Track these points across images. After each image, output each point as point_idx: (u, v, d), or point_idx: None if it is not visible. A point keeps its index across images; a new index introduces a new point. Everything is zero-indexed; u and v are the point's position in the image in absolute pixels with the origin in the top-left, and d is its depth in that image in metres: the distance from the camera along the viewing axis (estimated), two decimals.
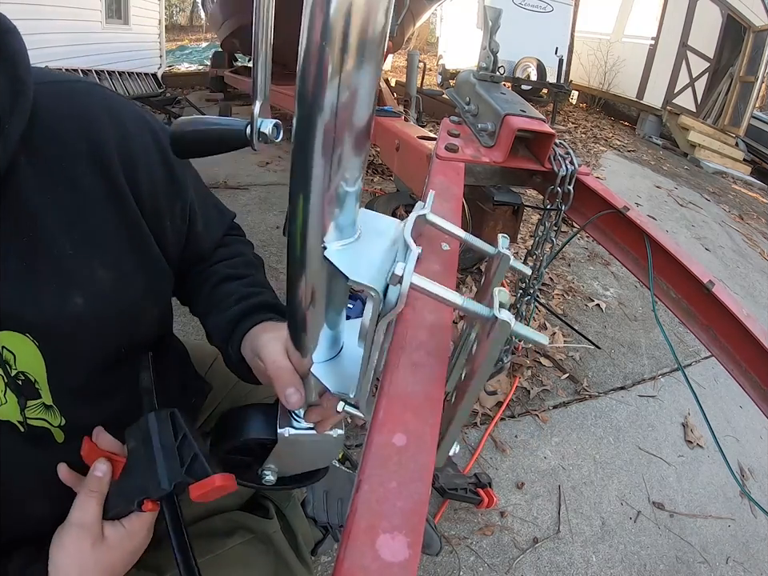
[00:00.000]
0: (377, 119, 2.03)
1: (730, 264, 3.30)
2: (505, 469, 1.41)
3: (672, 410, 1.82)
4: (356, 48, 0.26)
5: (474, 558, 1.16)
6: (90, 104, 0.51)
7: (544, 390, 1.72)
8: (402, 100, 3.54)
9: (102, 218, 0.50)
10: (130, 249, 0.53)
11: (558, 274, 2.48)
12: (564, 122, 6.52)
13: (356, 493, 0.21)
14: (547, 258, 0.86)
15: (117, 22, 5.00)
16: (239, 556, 0.64)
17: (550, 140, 0.78)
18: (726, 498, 1.53)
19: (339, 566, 0.18)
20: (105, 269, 0.51)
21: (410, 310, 0.35)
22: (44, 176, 0.46)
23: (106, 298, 0.51)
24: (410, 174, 1.39)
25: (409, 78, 2.91)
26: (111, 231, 0.51)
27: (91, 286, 0.49)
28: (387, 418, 0.25)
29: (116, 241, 0.52)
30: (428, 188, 0.58)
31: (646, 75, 7.04)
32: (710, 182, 5.60)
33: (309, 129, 0.29)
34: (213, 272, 0.65)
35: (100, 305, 0.50)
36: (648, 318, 2.32)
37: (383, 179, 3.24)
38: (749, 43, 6.52)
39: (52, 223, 0.46)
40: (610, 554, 1.26)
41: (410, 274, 0.28)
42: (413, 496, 0.21)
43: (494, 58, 0.87)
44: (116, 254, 0.52)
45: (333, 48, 0.25)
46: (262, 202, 2.66)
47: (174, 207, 0.59)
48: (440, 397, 0.28)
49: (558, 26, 7.00)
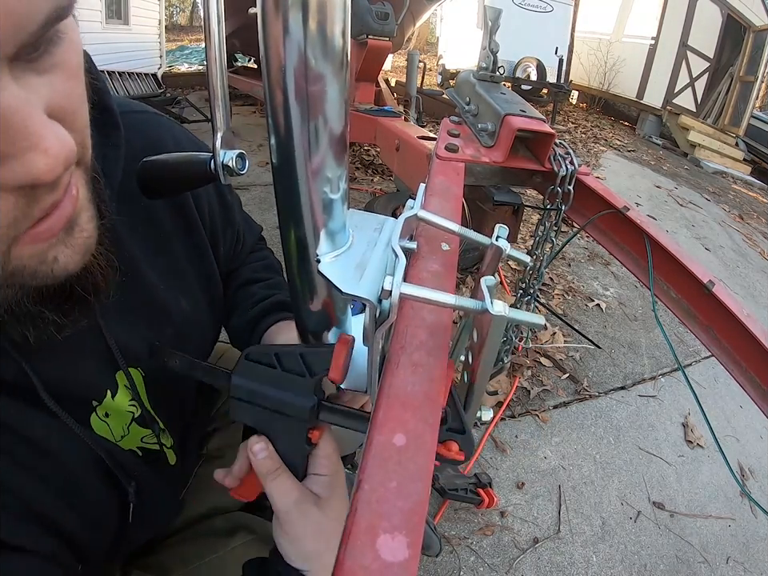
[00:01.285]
0: (377, 119, 2.03)
1: (729, 264, 3.30)
2: (505, 469, 1.41)
3: (672, 409, 1.82)
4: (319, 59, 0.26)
5: (475, 558, 1.16)
6: (161, 137, 0.51)
7: (544, 390, 1.72)
8: (402, 100, 3.54)
9: (179, 250, 0.52)
10: (200, 277, 0.56)
11: (558, 274, 2.48)
12: (564, 121, 6.52)
13: (356, 493, 0.21)
14: (547, 258, 0.86)
15: (117, 22, 5.00)
16: (242, 557, 0.64)
17: (550, 140, 0.78)
18: (726, 498, 1.53)
19: (339, 566, 0.18)
20: (185, 299, 0.53)
21: (410, 310, 0.35)
22: (130, 213, 0.45)
23: (189, 327, 0.53)
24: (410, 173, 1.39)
25: (409, 78, 2.91)
26: (186, 262, 0.53)
27: (178, 317, 0.51)
28: (387, 418, 0.25)
29: (191, 271, 0.54)
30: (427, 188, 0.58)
31: (645, 75, 7.04)
32: (710, 181, 5.60)
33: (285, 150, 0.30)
34: (236, 276, 0.68)
35: (186, 333, 0.52)
36: (648, 318, 2.32)
37: (383, 179, 3.24)
38: (749, 43, 6.52)
39: (142, 258, 0.47)
40: (610, 554, 1.26)
41: (399, 287, 0.28)
42: (413, 496, 0.21)
43: (494, 58, 0.87)
44: (191, 283, 0.54)
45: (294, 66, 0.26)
46: (261, 201, 2.66)
47: (225, 232, 0.61)
48: (440, 397, 0.28)
49: (558, 25, 7.00)
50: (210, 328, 0.60)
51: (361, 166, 3.41)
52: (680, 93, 6.81)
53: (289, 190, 0.33)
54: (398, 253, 0.31)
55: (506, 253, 0.38)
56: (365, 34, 2.27)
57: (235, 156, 0.33)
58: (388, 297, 0.28)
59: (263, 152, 3.40)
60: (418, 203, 0.41)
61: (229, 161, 0.33)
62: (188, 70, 7.31)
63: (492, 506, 1.22)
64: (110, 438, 0.45)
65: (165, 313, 0.50)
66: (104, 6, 4.64)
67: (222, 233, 0.60)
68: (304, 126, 0.29)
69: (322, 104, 0.28)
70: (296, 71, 0.26)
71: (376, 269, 0.36)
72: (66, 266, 0.30)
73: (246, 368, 0.42)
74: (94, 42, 4.46)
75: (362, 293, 0.33)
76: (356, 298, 0.33)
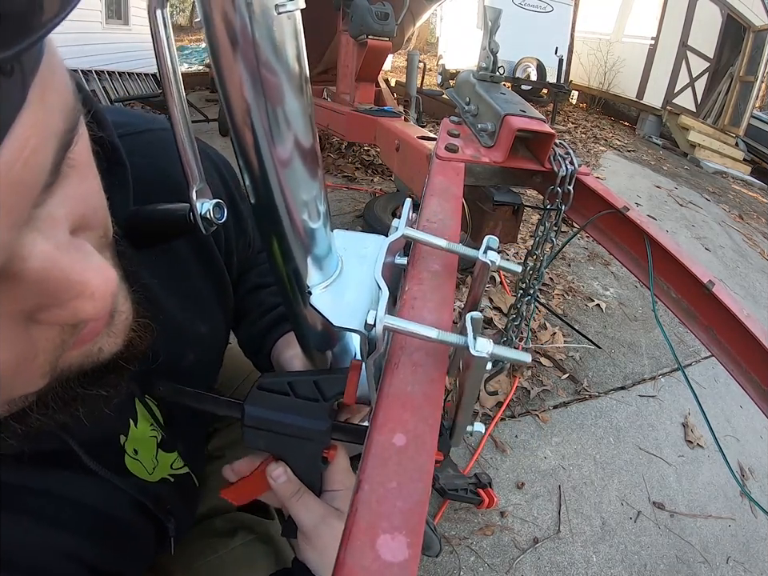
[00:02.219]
0: (377, 120, 2.03)
1: (729, 264, 3.30)
2: (505, 469, 1.41)
3: (672, 409, 1.82)
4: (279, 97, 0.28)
5: (475, 558, 1.16)
6: (166, 155, 0.48)
7: (544, 390, 1.72)
8: (402, 100, 3.54)
9: (195, 275, 0.52)
10: (217, 298, 0.56)
11: (557, 274, 2.48)
12: (564, 122, 6.52)
13: (356, 493, 0.21)
14: (547, 258, 0.85)
15: (117, 22, 5.00)
16: (242, 556, 0.64)
17: (549, 140, 0.78)
18: (726, 498, 1.53)
19: (339, 566, 0.18)
20: (204, 323, 0.53)
21: (410, 310, 0.34)
22: None
23: (208, 350, 0.54)
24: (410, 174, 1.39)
25: (409, 78, 2.91)
26: (203, 286, 0.53)
27: (198, 343, 0.52)
28: (387, 418, 0.25)
29: (208, 294, 0.54)
30: (427, 188, 0.58)
31: (645, 75, 7.04)
32: (710, 181, 5.60)
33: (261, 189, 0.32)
34: (244, 280, 0.68)
35: (206, 357, 0.54)
36: (648, 318, 2.32)
37: (383, 179, 3.24)
38: (749, 43, 6.52)
39: (158, 284, 0.46)
40: (610, 554, 1.26)
41: (381, 322, 0.29)
42: (413, 496, 0.21)
43: (494, 58, 0.86)
44: (209, 306, 0.55)
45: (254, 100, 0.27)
46: None
47: (239, 242, 0.61)
48: (440, 397, 0.28)
49: (557, 25, 7.00)
50: (225, 343, 0.61)
51: (361, 166, 3.41)
52: (680, 93, 6.82)
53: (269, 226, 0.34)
54: (380, 285, 0.31)
55: (497, 265, 0.37)
56: (365, 34, 2.27)
57: (212, 207, 0.33)
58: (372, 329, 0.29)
59: None
60: (403, 221, 0.41)
61: (207, 212, 0.33)
62: (188, 70, 7.31)
63: (492, 506, 1.22)
64: (145, 477, 0.47)
65: (185, 339, 0.50)
66: (104, 6, 4.64)
67: (234, 243, 0.59)
68: (271, 158, 0.30)
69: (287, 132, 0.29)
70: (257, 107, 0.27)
71: (366, 296, 0.37)
72: (111, 352, 0.30)
73: (258, 397, 0.44)
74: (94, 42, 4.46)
75: (352, 324, 0.34)
76: (346, 329, 0.35)
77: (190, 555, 0.62)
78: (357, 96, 2.52)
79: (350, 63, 2.55)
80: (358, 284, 0.38)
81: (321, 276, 0.37)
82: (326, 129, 2.65)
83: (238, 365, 0.88)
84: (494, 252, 0.37)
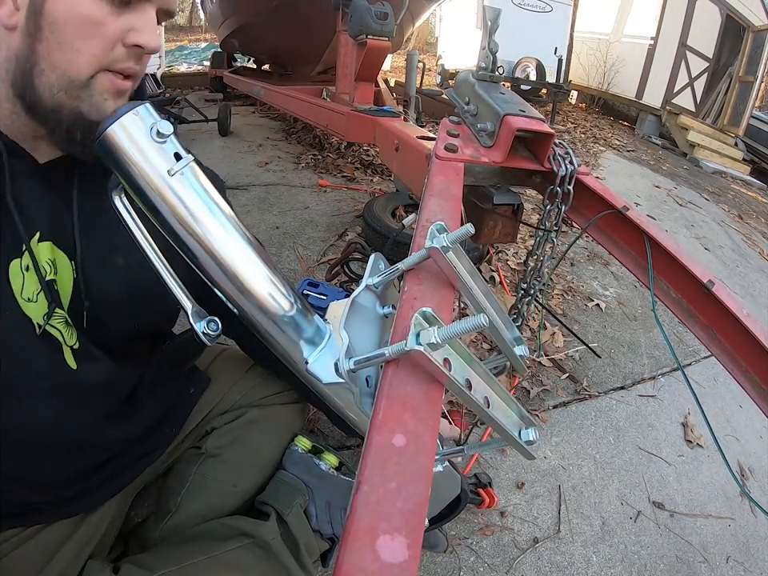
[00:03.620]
0: (376, 120, 2.02)
1: (729, 264, 3.30)
2: (505, 469, 1.41)
3: (672, 409, 1.82)
4: None
5: (474, 558, 1.16)
6: None
7: (544, 390, 1.72)
8: (401, 100, 3.54)
9: None
10: None
11: (557, 274, 2.48)
12: (563, 121, 6.52)
13: (355, 494, 0.21)
14: (551, 261, 0.85)
15: None
16: (236, 560, 0.63)
17: (549, 140, 0.78)
18: (726, 498, 1.53)
19: (339, 567, 0.18)
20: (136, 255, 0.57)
21: (410, 310, 0.34)
22: None
23: (135, 273, 0.58)
24: (410, 174, 1.38)
25: (408, 78, 2.91)
26: None
27: (129, 255, 0.57)
28: (387, 419, 0.25)
29: None
30: (427, 188, 0.58)
31: (645, 75, 7.04)
32: (710, 181, 5.60)
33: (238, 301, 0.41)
34: None
35: (134, 274, 0.58)
36: (648, 318, 2.32)
37: (383, 179, 3.24)
38: (748, 43, 6.53)
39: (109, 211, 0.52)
40: (610, 554, 1.26)
41: (344, 368, 0.37)
42: (412, 497, 0.21)
43: (494, 58, 0.86)
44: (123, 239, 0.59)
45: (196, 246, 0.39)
46: (261, 202, 2.66)
47: None
48: (440, 397, 0.28)
49: (557, 26, 7.00)
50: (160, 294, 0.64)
51: (360, 165, 3.41)
52: (679, 93, 6.82)
53: (257, 327, 0.43)
54: (342, 337, 0.38)
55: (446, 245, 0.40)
56: (364, 34, 2.26)
57: (206, 323, 0.41)
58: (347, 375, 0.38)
59: (263, 152, 3.40)
60: (367, 273, 0.46)
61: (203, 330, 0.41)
62: (187, 70, 7.31)
63: (492, 506, 1.22)
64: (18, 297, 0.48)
65: (119, 247, 0.57)
66: None
67: None
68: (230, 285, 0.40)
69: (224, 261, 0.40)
70: None
71: None
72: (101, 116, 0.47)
73: None
74: None
75: (340, 379, 0.41)
76: (339, 385, 0.42)
77: (180, 556, 0.62)
78: (356, 96, 2.52)
79: (349, 63, 2.54)
80: (343, 343, 0.45)
81: (312, 348, 0.44)
82: (325, 129, 2.65)
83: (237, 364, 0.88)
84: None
